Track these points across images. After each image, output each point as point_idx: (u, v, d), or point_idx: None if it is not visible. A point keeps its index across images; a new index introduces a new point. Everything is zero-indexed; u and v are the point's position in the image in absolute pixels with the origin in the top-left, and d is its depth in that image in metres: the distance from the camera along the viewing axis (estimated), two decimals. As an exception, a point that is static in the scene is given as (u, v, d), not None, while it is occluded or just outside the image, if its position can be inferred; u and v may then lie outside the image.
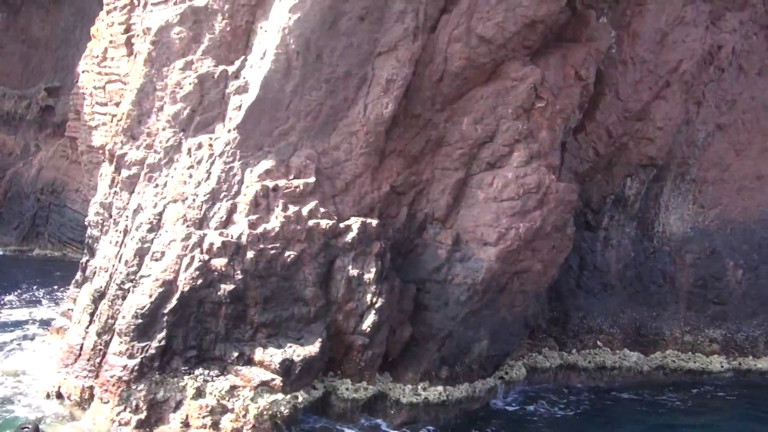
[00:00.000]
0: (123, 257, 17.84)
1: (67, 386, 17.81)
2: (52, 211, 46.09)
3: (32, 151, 51.18)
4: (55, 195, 46.16)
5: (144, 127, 18.44)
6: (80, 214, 43.65)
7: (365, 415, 17.14)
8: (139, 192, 18.14)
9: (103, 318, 17.79)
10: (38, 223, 46.45)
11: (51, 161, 47.68)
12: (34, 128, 51.77)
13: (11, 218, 47.63)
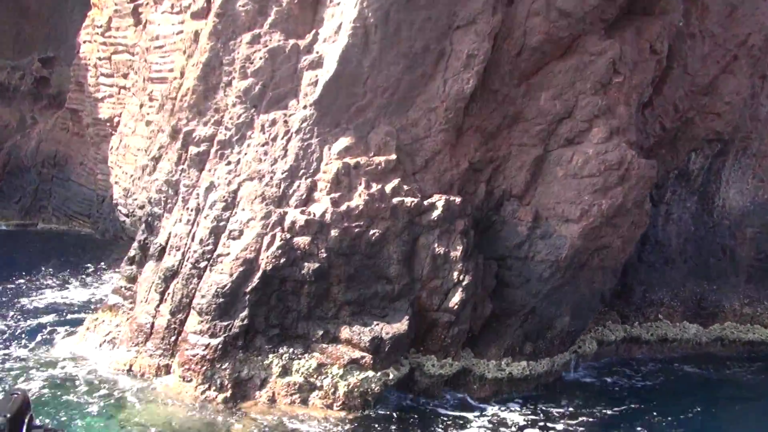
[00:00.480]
0: (196, 236, 17.91)
1: (139, 364, 17.96)
2: (54, 184, 45.73)
3: (29, 124, 50.59)
4: (57, 168, 45.76)
5: (211, 103, 18.41)
6: (86, 187, 43.41)
7: (449, 390, 17.70)
8: (209, 170, 18.17)
9: (177, 297, 17.92)
10: (41, 197, 46.08)
11: (50, 134, 47.18)
12: (29, 100, 51.11)
13: (12, 192, 47.17)
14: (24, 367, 18.93)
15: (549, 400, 17.64)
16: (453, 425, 16.33)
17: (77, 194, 44.01)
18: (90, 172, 43.21)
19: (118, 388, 17.33)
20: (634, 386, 19.31)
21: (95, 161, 42.27)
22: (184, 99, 18.81)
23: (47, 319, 24.52)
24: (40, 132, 47.70)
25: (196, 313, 16.98)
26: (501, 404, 17.49)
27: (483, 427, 16.07)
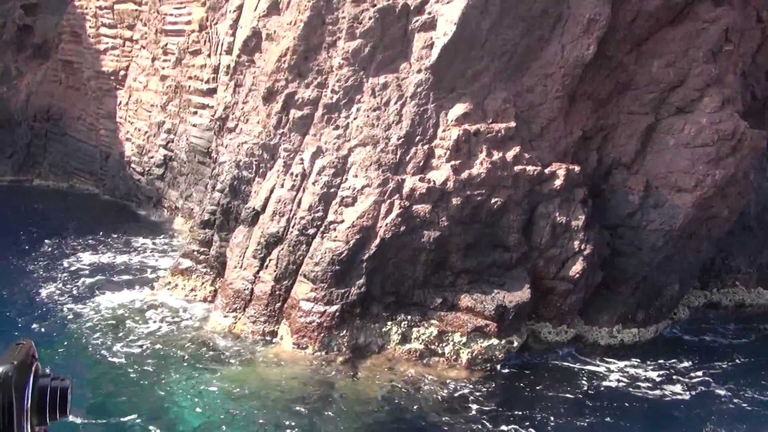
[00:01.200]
0: (303, 202, 17.97)
1: (241, 329, 18.00)
2: (50, 139, 44.62)
3: (14, 75, 49.13)
4: (52, 123, 44.60)
5: (313, 64, 18.29)
6: (86, 143, 42.48)
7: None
8: (314, 134, 18.11)
9: (283, 263, 17.99)
10: (34, 152, 44.96)
11: (41, 86, 45.86)
12: (12, 50, 49.33)
13: (3, 147, 45.84)
14: (115, 326, 18.98)
15: (661, 357, 18.37)
16: (590, 377, 16.94)
17: (77, 150, 43.07)
18: (90, 128, 42.28)
19: (224, 349, 17.49)
20: (730, 343, 20.17)
21: (97, 116, 41.36)
22: (282, 59, 18.57)
23: (100, 279, 24.37)
24: (29, 84, 46.31)
25: (308, 281, 17.12)
26: (620, 360, 18.12)
27: (619, 381, 16.72)
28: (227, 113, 22.27)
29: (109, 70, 39.71)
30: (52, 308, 21.23)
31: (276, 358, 16.88)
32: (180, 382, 15.94)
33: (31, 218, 34.43)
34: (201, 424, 14.39)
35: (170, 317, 19.53)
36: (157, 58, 36.44)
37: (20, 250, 28.07)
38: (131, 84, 38.24)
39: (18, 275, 25.18)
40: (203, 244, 21.27)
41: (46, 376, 1.68)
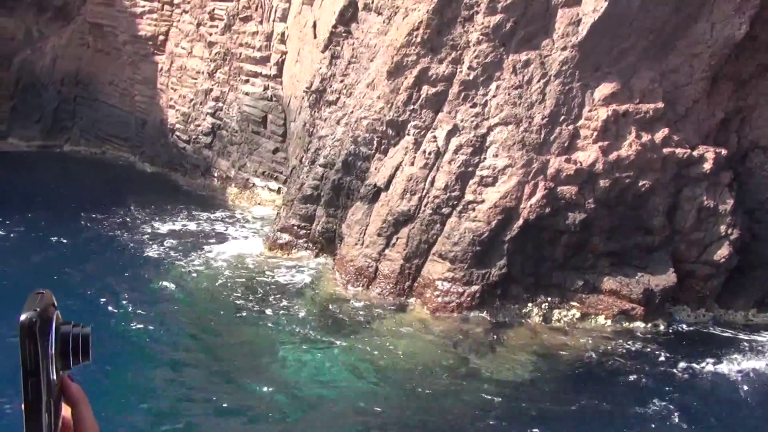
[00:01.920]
0: (436, 180, 17.14)
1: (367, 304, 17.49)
2: (79, 104, 43.00)
3: (35, 37, 47.19)
4: (81, 87, 42.93)
5: (446, 39, 17.29)
6: (119, 109, 40.95)
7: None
8: (449, 111, 17.22)
9: (414, 242, 17.20)
10: (63, 117, 43.31)
11: (67, 50, 44.06)
12: (33, 11, 47.42)
13: (29, 111, 44.18)
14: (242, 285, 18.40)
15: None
16: (734, 348, 16.41)
17: (109, 116, 41.52)
18: (124, 93, 40.72)
19: (354, 321, 16.91)
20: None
21: (132, 82, 39.80)
22: (414, 33, 17.49)
23: (194, 242, 23.46)
24: (54, 47, 44.44)
25: (445, 261, 16.41)
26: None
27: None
28: (324, 86, 21.25)
29: (147, 34, 38.13)
30: (163, 267, 20.88)
31: (410, 330, 16.20)
32: (316, 351, 15.32)
33: (83, 187, 33.16)
34: (340, 394, 13.83)
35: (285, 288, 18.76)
36: (202, 24, 35.00)
37: (93, 218, 26.94)
38: (173, 50, 36.74)
39: (108, 241, 24.36)
40: (305, 219, 20.42)
41: (67, 324, 1.72)
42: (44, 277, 20.73)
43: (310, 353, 15.47)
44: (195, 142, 34.71)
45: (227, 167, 32.87)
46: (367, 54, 20.43)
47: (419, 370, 14.61)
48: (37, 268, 21.59)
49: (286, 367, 14.96)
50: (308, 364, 15.01)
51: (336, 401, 13.84)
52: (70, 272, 21.08)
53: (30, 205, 28.36)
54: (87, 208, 28.59)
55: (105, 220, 27.06)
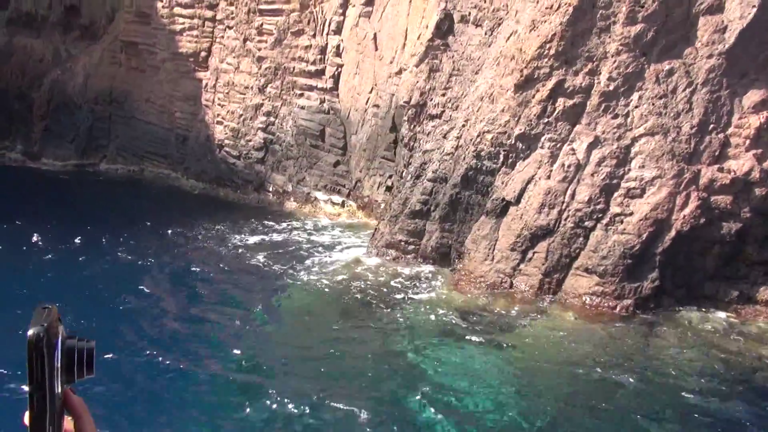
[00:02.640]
0: (577, 193, 16.40)
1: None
2: (114, 122, 41.74)
3: (64, 57, 45.92)
4: (115, 105, 41.70)
5: (581, 50, 16.57)
6: (158, 126, 39.77)
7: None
8: (588, 123, 16.48)
9: (555, 257, 16.42)
10: (97, 136, 42.04)
11: (99, 68, 42.84)
12: (59, 31, 46.13)
13: (63, 131, 42.85)
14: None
15: None
16: None
17: (147, 133, 40.33)
18: (162, 110, 39.58)
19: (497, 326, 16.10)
20: None
21: (171, 99, 38.68)
22: (547, 46, 16.70)
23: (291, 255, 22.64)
24: (85, 66, 43.19)
25: (593, 275, 15.66)
26: None
27: None
28: (424, 99, 20.46)
29: (188, 51, 37.07)
30: (279, 277, 20.34)
31: (557, 335, 15.43)
32: (461, 355, 14.56)
33: (143, 206, 31.99)
34: (497, 397, 13.10)
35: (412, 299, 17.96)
36: (249, 39, 34.05)
37: (177, 233, 25.92)
38: (218, 66, 35.73)
39: (209, 255, 23.61)
40: (413, 234, 19.60)
41: (72, 338, 1.71)
42: (169, 297, 19.70)
43: (455, 357, 14.68)
44: (246, 158, 33.73)
45: (283, 182, 31.94)
46: (470, 66, 19.69)
47: (572, 375, 13.83)
48: (162, 289, 20.67)
49: (437, 373, 14.09)
50: (457, 368, 14.20)
51: (493, 408, 12.98)
52: (198, 290, 20.23)
53: (103, 226, 27.20)
54: (160, 225, 27.51)
55: (187, 235, 26.03)
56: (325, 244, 24.17)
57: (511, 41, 18.43)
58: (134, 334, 16.80)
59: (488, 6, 20.08)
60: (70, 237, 25.19)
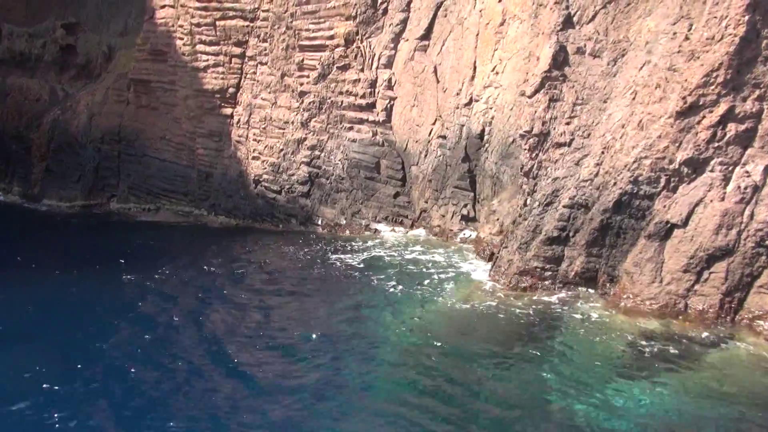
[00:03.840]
0: (756, 214, 16.42)
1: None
2: (123, 161, 39.56)
3: (61, 96, 43.45)
4: (125, 144, 39.58)
5: (748, 78, 16.75)
6: (175, 163, 38.08)
7: None
8: (762, 146, 16.57)
9: (736, 276, 16.42)
10: (105, 175, 39.68)
11: (104, 107, 40.72)
12: (54, 70, 43.58)
13: (66, 171, 40.16)
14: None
15: None
16: None
17: (162, 170, 38.45)
18: (180, 147, 37.92)
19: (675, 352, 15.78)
20: None
21: (191, 136, 37.15)
22: (714, 74, 16.73)
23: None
24: (88, 105, 40.93)
25: (785, 294, 15.76)
26: None
27: None
28: (548, 128, 20.29)
29: (214, 87, 35.82)
30: (400, 302, 19.86)
31: (745, 361, 15.34)
32: (638, 388, 14.22)
33: (201, 248, 30.26)
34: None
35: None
36: (287, 74, 33.20)
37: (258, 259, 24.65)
38: (251, 101, 34.62)
39: (314, 275, 22.97)
40: (550, 261, 19.30)
41: None
42: (289, 325, 18.60)
43: (632, 389, 14.06)
44: (289, 192, 32.65)
45: (334, 215, 31.04)
46: (596, 95, 19.69)
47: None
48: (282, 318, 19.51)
49: (610, 408, 13.42)
50: (638, 402, 13.59)
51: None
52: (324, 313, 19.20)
53: (174, 267, 25.43)
54: (239, 261, 26.16)
55: (269, 266, 24.86)
56: (428, 261, 23.58)
57: (646, 71, 18.57)
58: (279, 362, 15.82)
59: (605, 38, 20.20)
60: (153, 276, 23.56)
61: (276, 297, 21.14)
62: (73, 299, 20.76)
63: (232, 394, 14.53)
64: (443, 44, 28.29)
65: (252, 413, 13.65)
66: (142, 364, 15.85)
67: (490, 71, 25.69)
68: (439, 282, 21.26)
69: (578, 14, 20.84)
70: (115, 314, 19.32)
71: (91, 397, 14.34)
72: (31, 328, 18.43)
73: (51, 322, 18.78)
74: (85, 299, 20.72)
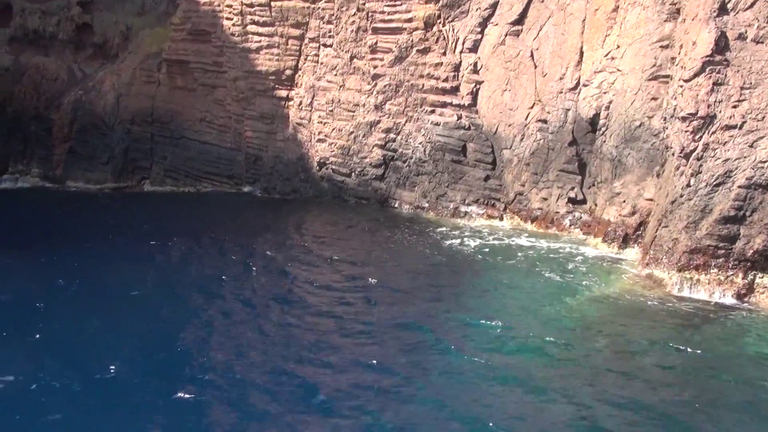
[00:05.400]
0: None
1: None
2: (157, 143, 36.65)
3: (79, 77, 39.73)
4: (158, 126, 36.71)
5: None
6: (216, 146, 35.69)
7: None
8: None
9: None
10: (136, 157, 36.77)
11: (132, 88, 37.63)
12: (70, 49, 39.93)
13: (93, 153, 36.63)
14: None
15: None
16: None
17: (204, 153, 35.90)
18: (223, 129, 35.54)
19: None
20: None
21: (238, 118, 34.83)
22: None
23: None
24: (114, 86, 37.68)
25: None
26: None
27: None
28: (713, 111, 19.80)
29: (268, 69, 33.66)
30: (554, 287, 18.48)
31: None
32: None
33: (297, 224, 28.18)
34: None
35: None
36: (357, 57, 31.47)
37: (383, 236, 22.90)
38: (314, 83, 32.63)
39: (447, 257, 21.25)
40: (723, 240, 18.88)
41: None
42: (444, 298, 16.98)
43: None
44: (361, 175, 30.98)
45: (415, 197, 29.66)
46: (766, 80, 19.43)
47: None
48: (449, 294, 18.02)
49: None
50: None
51: None
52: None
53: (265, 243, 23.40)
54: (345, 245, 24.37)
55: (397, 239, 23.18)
56: (551, 249, 22.66)
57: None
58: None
59: (767, 25, 19.93)
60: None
61: (431, 288, 19.25)
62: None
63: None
64: (540, 29, 27.34)
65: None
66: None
67: (603, 56, 24.97)
68: (576, 268, 20.40)
69: (733, 1, 20.46)
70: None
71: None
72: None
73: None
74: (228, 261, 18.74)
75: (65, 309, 16.08)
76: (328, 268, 20.95)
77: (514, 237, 24.49)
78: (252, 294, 18.19)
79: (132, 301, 16.80)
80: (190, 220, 27.58)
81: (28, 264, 19.54)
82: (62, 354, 13.53)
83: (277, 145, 33.78)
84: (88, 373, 12.52)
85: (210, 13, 35.22)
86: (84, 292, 17.45)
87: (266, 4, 33.43)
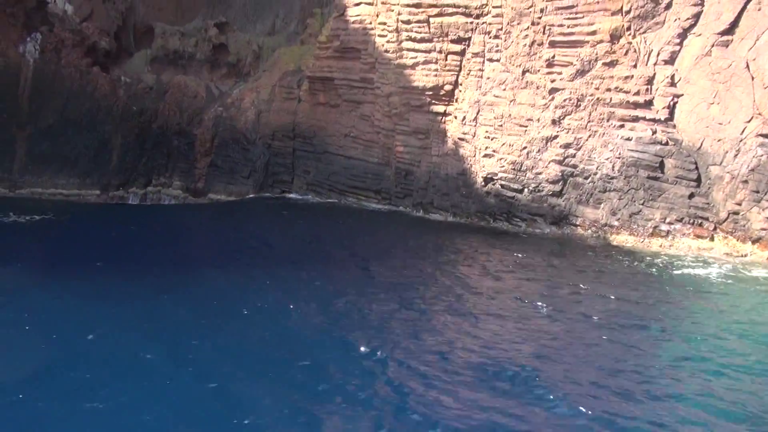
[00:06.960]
0: None
1: None
2: (300, 157, 33.45)
3: (216, 94, 37.06)
4: (300, 140, 33.59)
5: None
6: (362, 161, 32.26)
7: None
8: None
9: None
10: (277, 171, 33.69)
11: (272, 104, 34.77)
12: (206, 68, 37.73)
13: (233, 166, 33.72)
14: None
15: None
16: None
17: (350, 168, 32.47)
18: (370, 144, 32.17)
19: None
20: None
21: (388, 133, 31.42)
22: None
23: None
24: (254, 102, 34.90)
25: None
26: None
27: None
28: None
29: (425, 85, 30.36)
30: None
31: None
32: None
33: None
34: None
35: None
36: (531, 71, 28.00)
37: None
38: (479, 98, 29.16)
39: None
40: None
41: None
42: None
43: None
44: (535, 191, 27.00)
45: (601, 214, 25.51)
46: None
47: None
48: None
49: None
50: None
51: None
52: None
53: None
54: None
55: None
56: None
57: None
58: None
59: None
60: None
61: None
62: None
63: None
64: (757, 39, 23.81)
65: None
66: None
67: None
68: None
69: None
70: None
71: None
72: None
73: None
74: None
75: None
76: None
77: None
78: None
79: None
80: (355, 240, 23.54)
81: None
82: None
83: (432, 160, 30.21)
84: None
85: (360, 31, 32.43)
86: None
87: (425, 20, 30.42)
